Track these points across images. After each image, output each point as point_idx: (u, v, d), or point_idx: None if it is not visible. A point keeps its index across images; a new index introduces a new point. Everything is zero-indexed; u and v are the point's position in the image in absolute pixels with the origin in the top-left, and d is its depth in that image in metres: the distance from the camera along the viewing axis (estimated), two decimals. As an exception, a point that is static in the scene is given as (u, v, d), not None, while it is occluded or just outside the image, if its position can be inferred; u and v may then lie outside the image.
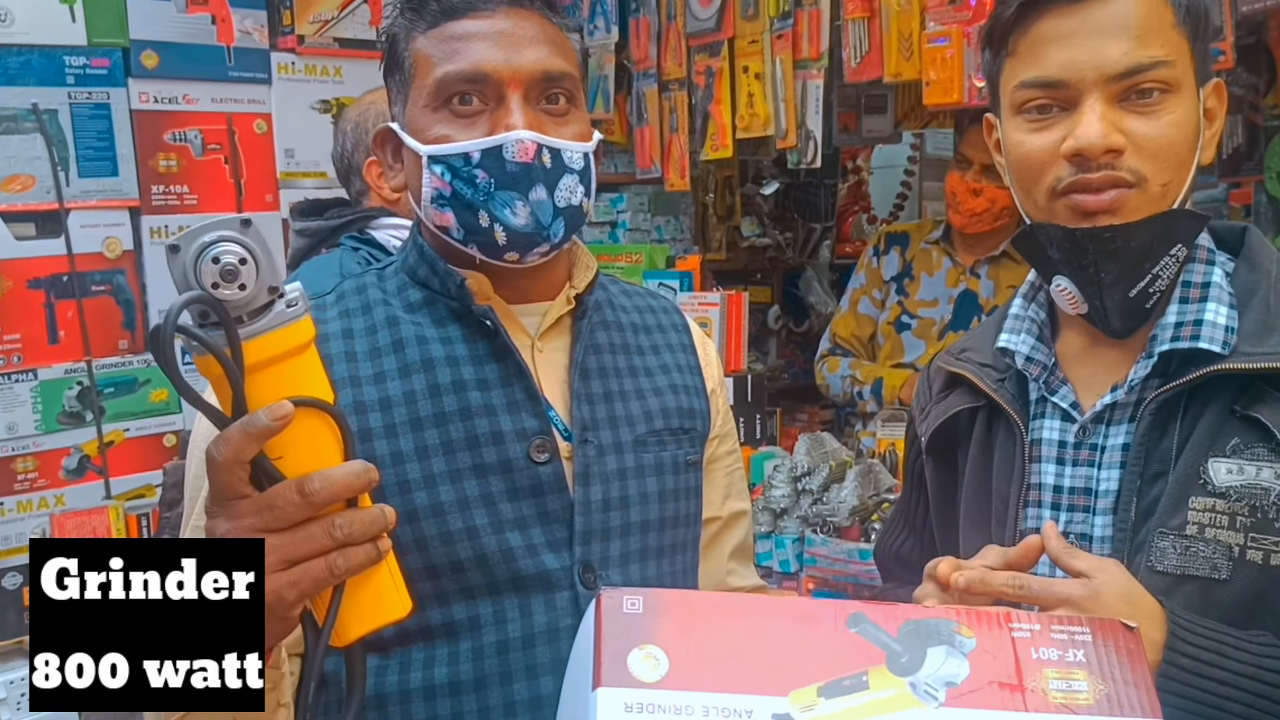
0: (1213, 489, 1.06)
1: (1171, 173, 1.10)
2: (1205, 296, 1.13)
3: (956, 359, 1.28)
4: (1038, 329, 1.23)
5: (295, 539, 0.85)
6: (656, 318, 1.34)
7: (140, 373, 3.02)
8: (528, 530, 1.15)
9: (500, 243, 1.14)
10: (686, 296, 3.16)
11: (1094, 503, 1.15)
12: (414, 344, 1.17)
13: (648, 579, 1.21)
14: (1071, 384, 1.20)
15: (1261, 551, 1.05)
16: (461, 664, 1.13)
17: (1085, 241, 1.10)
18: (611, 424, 1.21)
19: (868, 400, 3.09)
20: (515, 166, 1.13)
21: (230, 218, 0.83)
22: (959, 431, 1.27)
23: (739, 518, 1.38)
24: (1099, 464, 1.16)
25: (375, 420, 1.13)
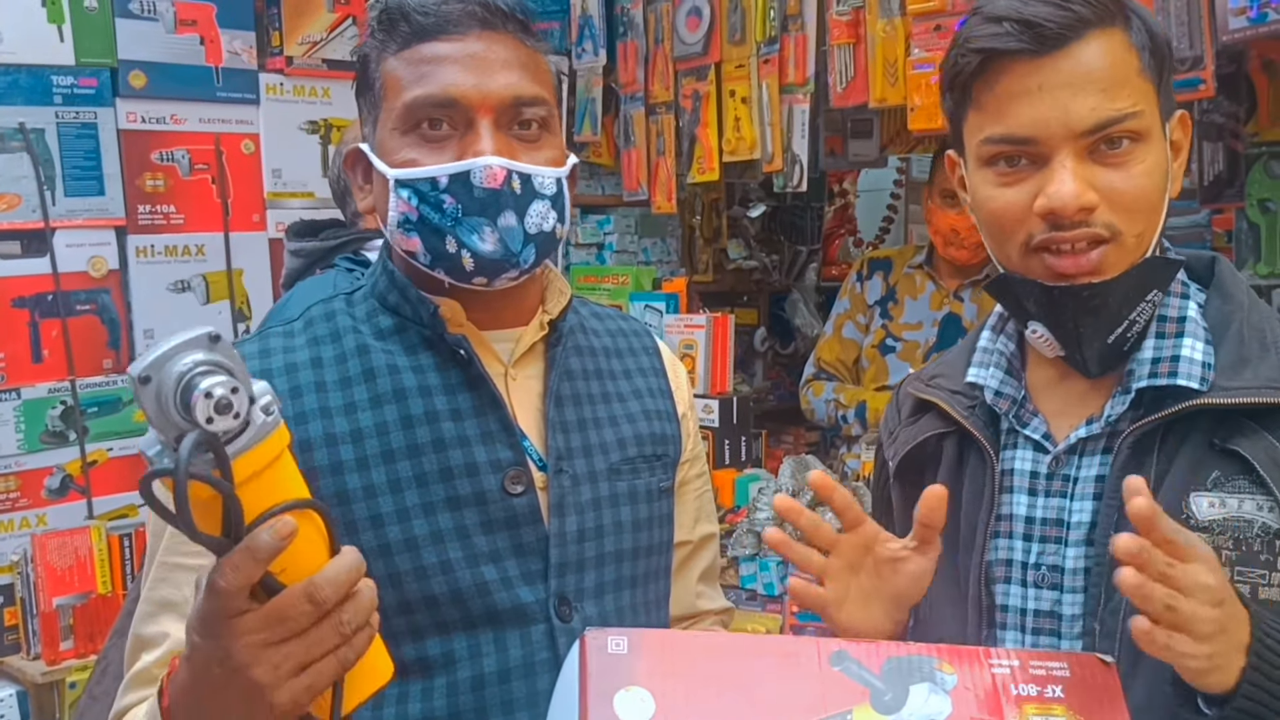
0: (1196, 523, 1.05)
1: (1144, 222, 1.09)
2: (1181, 331, 1.13)
3: (927, 385, 1.27)
4: (1006, 362, 1.21)
5: (307, 644, 0.84)
6: (628, 340, 1.33)
7: (124, 392, 3.00)
8: (502, 563, 1.13)
9: (468, 268, 1.13)
10: (673, 318, 3.16)
11: (1066, 534, 1.14)
12: (385, 373, 1.15)
13: (622, 609, 1.20)
14: (1043, 415, 1.19)
15: (1248, 585, 1.04)
16: (436, 700, 1.11)
17: (1064, 300, 1.09)
18: (586, 452, 1.20)
19: (852, 423, 3.10)
20: (483, 193, 1.11)
21: (195, 335, 0.79)
22: (928, 457, 1.25)
23: (708, 540, 1.37)
24: (1071, 495, 1.15)
25: (347, 453, 1.11)
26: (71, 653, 2.72)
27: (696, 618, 1.37)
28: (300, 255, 2.15)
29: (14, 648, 2.77)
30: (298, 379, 1.14)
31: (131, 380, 0.78)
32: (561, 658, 1.12)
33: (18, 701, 2.71)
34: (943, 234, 2.98)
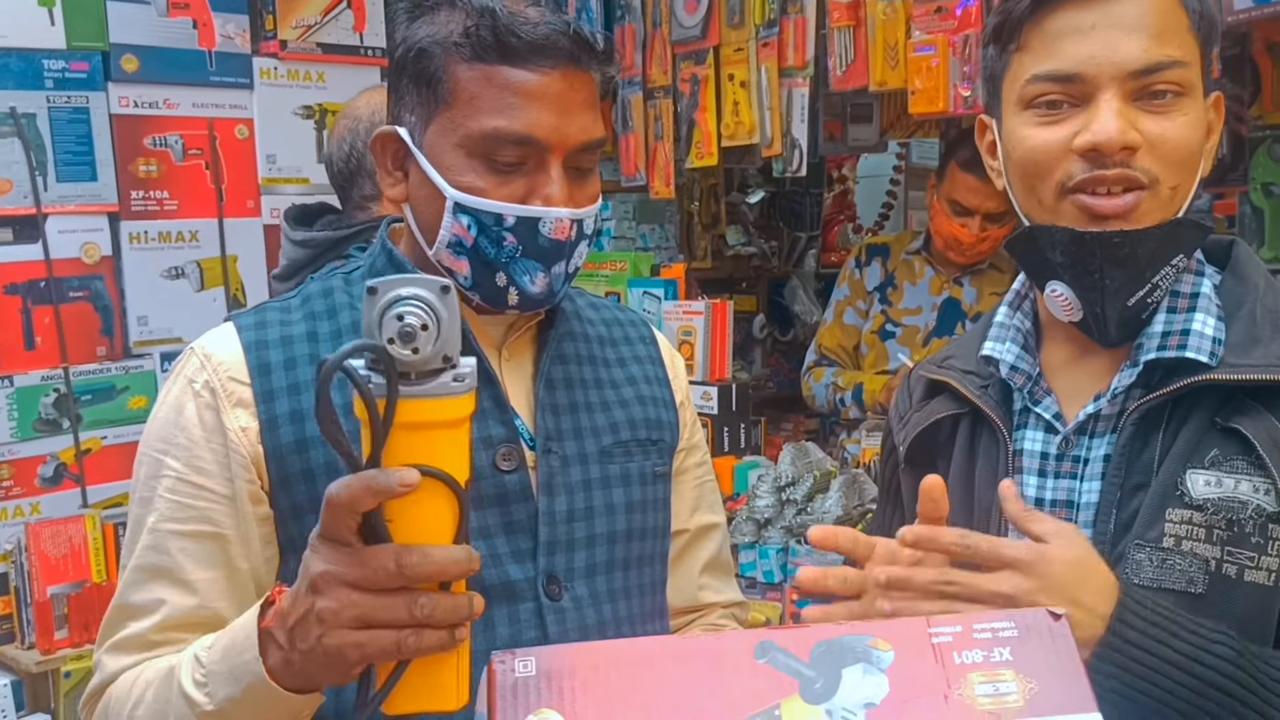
0: (1190, 501, 1.05)
1: (1181, 175, 1.08)
2: (1193, 307, 1.12)
3: (939, 367, 1.26)
4: (1023, 338, 1.21)
5: (376, 604, 0.85)
6: (624, 330, 1.33)
7: (118, 380, 2.98)
8: (492, 539, 1.13)
9: (510, 303, 1.15)
10: (671, 305, 3.14)
11: (1074, 516, 1.13)
12: None
13: (614, 590, 1.20)
14: (1055, 395, 1.18)
15: (1236, 566, 1.03)
16: None
17: (1093, 246, 1.08)
18: (576, 435, 1.20)
19: (849, 406, 3.08)
20: (548, 242, 1.12)
21: (434, 280, 0.84)
22: (940, 441, 1.24)
23: (709, 531, 1.36)
24: (1081, 476, 1.14)
25: None
26: (66, 642, 2.71)
27: (702, 611, 1.36)
28: (309, 246, 2.05)
29: (8, 637, 2.76)
30: (293, 351, 1.14)
31: (364, 291, 0.83)
32: (550, 637, 1.14)
33: (12, 691, 2.69)
34: (945, 239, 2.98)
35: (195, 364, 1.14)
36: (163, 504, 1.10)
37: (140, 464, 1.14)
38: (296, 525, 1.12)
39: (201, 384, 1.12)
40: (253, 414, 1.11)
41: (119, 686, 1.08)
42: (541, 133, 1.10)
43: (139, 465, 1.15)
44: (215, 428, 1.11)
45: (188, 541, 1.10)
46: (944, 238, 2.97)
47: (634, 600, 1.22)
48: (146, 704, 1.04)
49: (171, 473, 1.11)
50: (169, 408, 1.14)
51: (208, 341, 1.16)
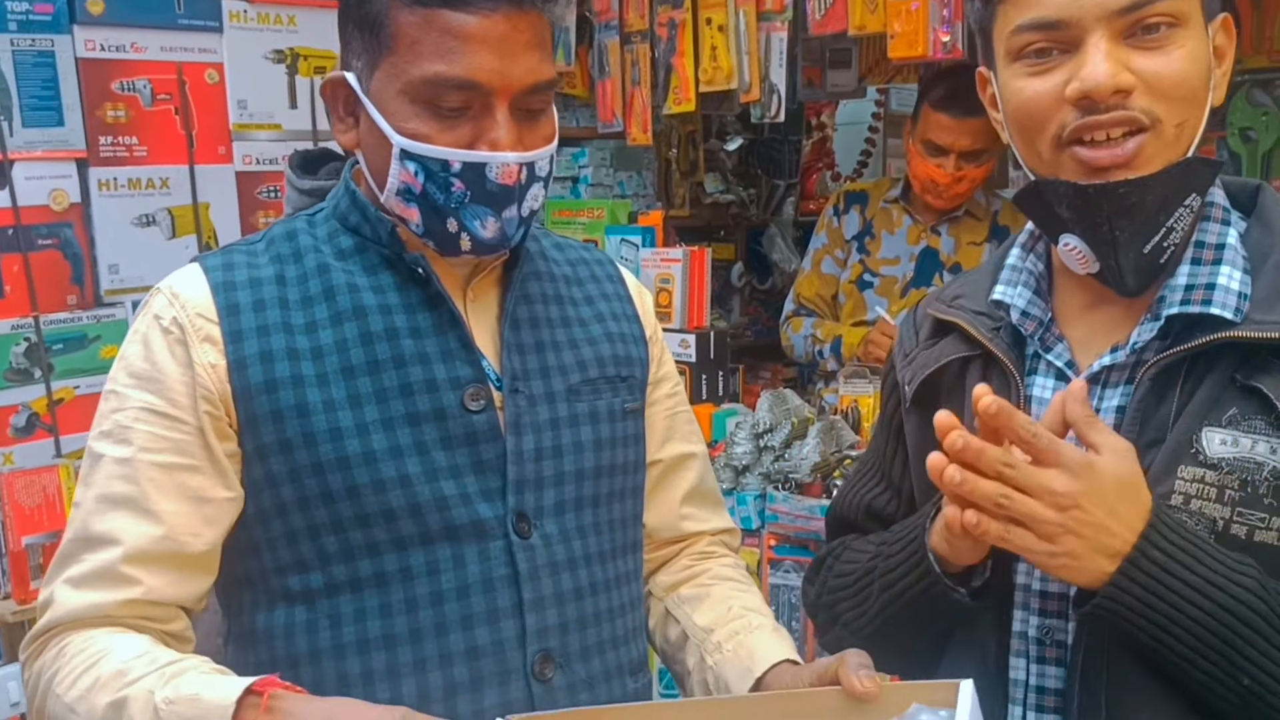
0: (1204, 459, 1.03)
1: (1185, 111, 1.04)
2: (1219, 259, 1.08)
3: (948, 306, 1.23)
4: (1035, 282, 1.18)
5: None
6: (590, 269, 1.33)
7: (90, 329, 2.95)
8: (461, 479, 1.14)
9: (463, 248, 1.14)
10: (649, 252, 3.13)
11: None
12: (345, 291, 1.15)
13: (584, 527, 1.21)
14: (1068, 342, 1.16)
15: (1246, 526, 1.02)
16: (395, 616, 1.12)
17: (1098, 199, 1.04)
18: (543, 374, 1.20)
19: (828, 359, 3.09)
20: (496, 187, 1.11)
21: None
22: (946, 381, 1.22)
23: (685, 460, 1.36)
24: None
25: (308, 368, 1.12)
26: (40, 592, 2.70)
27: (687, 540, 1.37)
28: (316, 194, 2.04)
29: (-16, 587, 2.75)
30: (261, 293, 1.14)
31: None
32: (520, 573, 1.14)
33: (-11, 640, 2.69)
34: (921, 181, 2.96)
35: (163, 301, 1.14)
36: (131, 435, 1.10)
37: (105, 399, 1.13)
38: (261, 466, 1.11)
39: (170, 320, 1.12)
40: (220, 352, 1.11)
41: (65, 667, 1.05)
42: (484, 77, 1.08)
43: (104, 400, 1.14)
44: (185, 362, 1.11)
45: (157, 472, 1.09)
46: (921, 181, 2.96)
47: (604, 536, 1.23)
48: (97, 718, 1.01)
49: (141, 404, 1.10)
50: (137, 344, 1.13)
51: (174, 280, 1.16)
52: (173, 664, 1.01)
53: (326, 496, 1.11)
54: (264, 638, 1.14)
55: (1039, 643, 1.12)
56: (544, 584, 1.16)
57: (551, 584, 1.16)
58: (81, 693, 1.01)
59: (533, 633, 1.14)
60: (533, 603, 1.15)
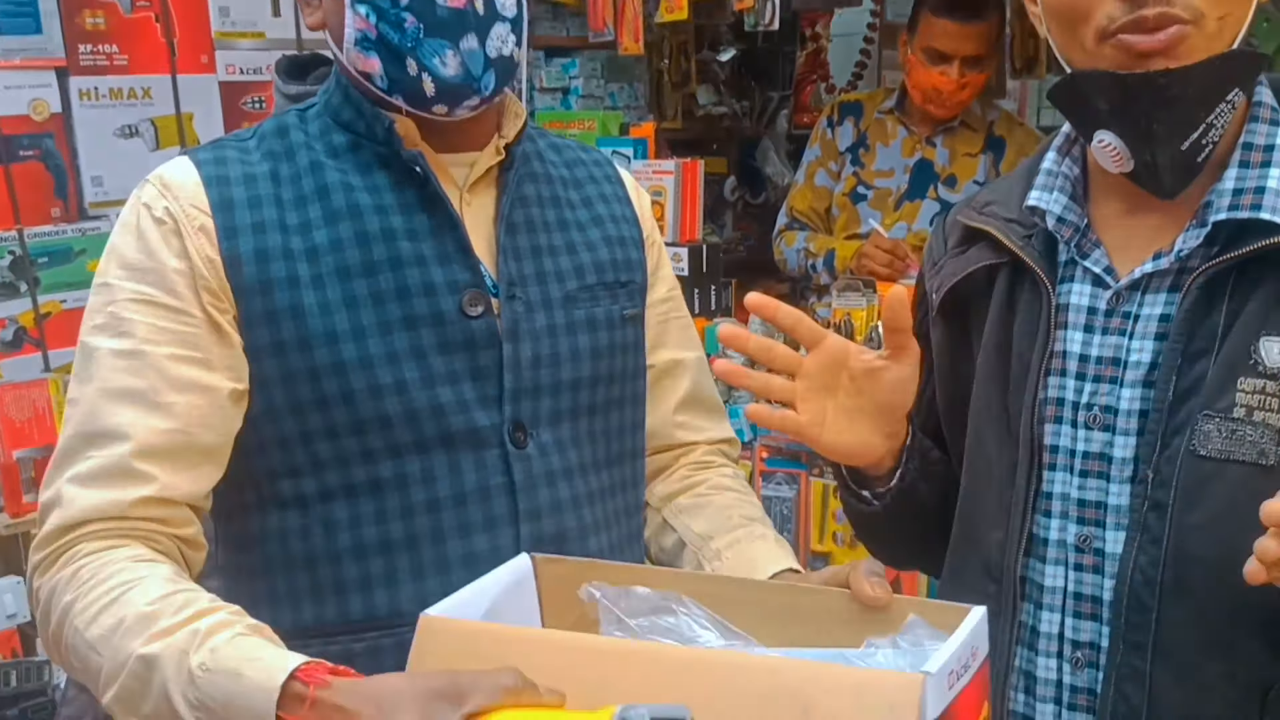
0: (1263, 369, 1.01)
1: (1229, 5, 1.01)
2: (1268, 161, 1.05)
3: (979, 213, 1.21)
4: (1071, 186, 1.15)
5: None
6: (588, 170, 1.29)
7: (75, 242, 2.91)
8: (458, 385, 1.12)
9: (428, 94, 1.09)
10: (641, 164, 3.09)
11: (1122, 374, 1.10)
12: (339, 191, 1.12)
13: (579, 437, 1.19)
14: (1105, 247, 1.13)
15: None
16: (391, 523, 1.11)
17: (1138, 89, 1.02)
18: (540, 280, 1.18)
19: (820, 272, 3.07)
20: (446, 12, 1.07)
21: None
22: (975, 290, 1.20)
23: (677, 367, 1.32)
24: (1130, 333, 1.10)
25: (303, 270, 1.09)
26: (34, 506, 2.67)
27: (683, 449, 1.35)
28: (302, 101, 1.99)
29: (-24, 502, 2.75)
30: (256, 189, 1.11)
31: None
32: (517, 483, 1.13)
33: (-17, 554, 2.70)
34: (922, 90, 2.91)
35: (153, 191, 1.09)
36: (132, 327, 1.05)
37: (96, 293, 1.09)
38: (256, 366, 1.09)
39: (162, 210, 1.08)
40: (215, 247, 1.08)
41: (84, 598, 0.99)
42: None
43: (96, 294, 1.09)
44: (181, 253, 1.07)
45: (163, 363, 1.05)
46: (923, 90, 2.91)
47: (600, 445, 1.21)
48: (112, 669, 0.95)
49: (139, 296, 1.06)
50: (128, 235, 1.09)
51: (164, 171, 1.12)
52: (202, 615, 0.94)
53: (321, 402, 1.09)
54: (256, 541, 1.13)
55: (1077, 549, 1.12)
56: (540, 494, 1.15)
57: (548, 493, 1.15)
58: (104, 632, 0.95)
59: (529, 542, 1.13)
60: (528, 512, 1.14)
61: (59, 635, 1.00)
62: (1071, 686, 1.13)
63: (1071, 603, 1.13)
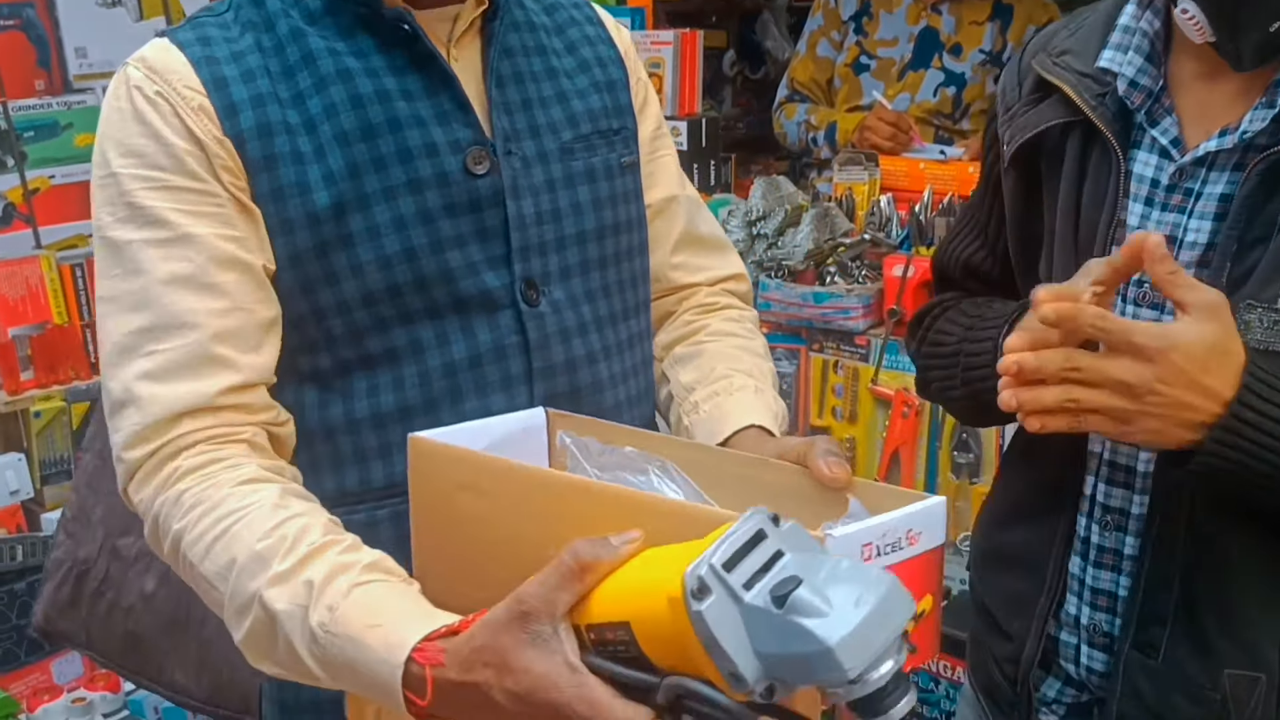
0: None
1: None
2: None
3: (1054, 62, 1.16)
4: (1149, 44, 1.10)
5: None
6: (567, 13, 1.24)
7: (61, 115, 2.85)
8: (466, 248, 1.10)
9: None
10: (638, 35, 3.01)
11: (1177, 253, 1.07)
12: (326, 56, 1.07)
13: (591, 291, 1.17)
14: (1176, 115, 1.09)
15: None
16: (409, 389, 1.10)
17: None
18: (534, 133, 1.14)
19: (821, 146, 3.01)
20: None
21: (904, 605, 0.70)
22: (1050, 146, 1.16)
23: (671, 204, 1.29)
24: (1190, 211, 1.07)
25: (304, 143, 1.05)
26: (33, 383, 2.69)
27: (684, 292, 1.32)
28: None
29: (-26, 380, 2.74)
30: (247, 64, 1.06)
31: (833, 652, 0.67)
32: (531, 341, 1.12)
33: (-17, 431, 2.70)
34: None
35: (139, 74, 1.04)
36: (158, 213, 1.01)
37: (104, 186, 1.03)
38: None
39: (154, 93, 1.03)
40: (219, 126, 1.03)
41: (193, 528, 0.96)
42: None
43: (103, 188, 1.03)
44: (188, 134, 1.02)
45: (207, 242, 1.01)
46: None
47: (614, 298, 1.20)
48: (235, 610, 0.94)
49: (157, 183, 1.01)
50: (127, 121, 1.03)
51: (147, 54, 1.06)
52: (313, 558, 0.91)
53: (330, 277, 1.06)
54: None
55: (1110, 465, 1.13)
56: (554, 351, 1.14)
57: (562, 350, 1.14)
58: (219, 569, 0.94)
59: (543, 399, 1.13)
60: (543, 370, 1.13)
61: (174, 561, 1.00)
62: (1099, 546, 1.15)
63: (1106, 469, 1.14)
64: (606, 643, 0.77)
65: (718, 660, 0.69)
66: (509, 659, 0.79)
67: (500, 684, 0.79)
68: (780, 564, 0.70)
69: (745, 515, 0.72)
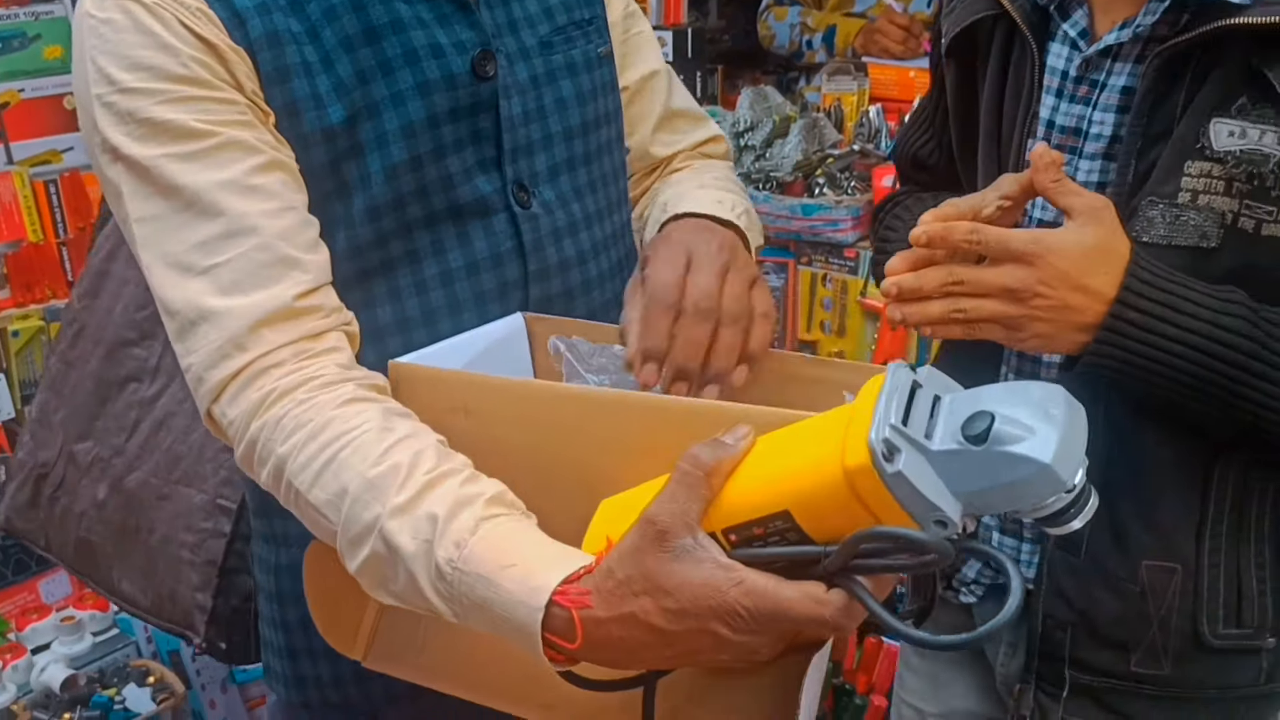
0: (1211, 153, 1.00)
1: None
2: None
3: None
4: None
5: None
6: None
7: (29, 26, 2.76)
8: (463, 153, 1.06)
9: None
10: (622, -59, 2.93)
11: (1082, 144, 1.09)
12: None
13: (579, 188, 1.15)
14: (1088, 8, 1.10)
15: (1254, 220, 1.00)
16: (406, 300, 1.07)
17: None
18: (513, 28, 1.11)
19: (817, 49, 2.95)
20: None
21: (1078, 407, 0.73)
22: (980, 39, 1.19)
23: (651, 81, 1.28)
24: (1094, 103, 1.09)
25: (310, 53, 0.99)
26: (9, 302, 2.65)
27: (661, 165, 1.31)
28: None
29: (-51, 298, 2.70)
30: None
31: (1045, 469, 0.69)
32: (526, 245, 1.10)
33: (-39, 351, 2.67)
34: None
35: None
36: (180, 123, 0.93)
37: (108, 107, 0.95)
38: None
39: (151, 2, 0.94)
40: (227, 35, 0.96)
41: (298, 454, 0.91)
42: None
43: (106, 110, 0.95)
44: (194, 41, 0.94)
45: (242, 143, 0.95)
46: None
47: (599, 194, 1.18)
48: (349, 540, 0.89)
49: (175, 95, 0.94)
50: (123, 33, 0.94)
51: None
52: (433, 487, 0.87)
53: (341, 190, 1.02)
54: None
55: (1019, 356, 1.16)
56: (548, 253, 1.12)
57: (555, 252, 1.13)
58: (330, 498, 0.89)
59: (538, 303, 1.11)
60: (537, 273, 1.12)
61: (275, 486, 0.94)
62: None
63: (1015, 359, 1.17)
64: (755, 539, 0.77)
65: (919, 513, 0.70)
66: (660, 580, 0.76)
67: (659, 607, 0.76)
68: (944, 407, 0.72)
69: (890, 371, 0.73)
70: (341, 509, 0.88)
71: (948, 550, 0.69)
